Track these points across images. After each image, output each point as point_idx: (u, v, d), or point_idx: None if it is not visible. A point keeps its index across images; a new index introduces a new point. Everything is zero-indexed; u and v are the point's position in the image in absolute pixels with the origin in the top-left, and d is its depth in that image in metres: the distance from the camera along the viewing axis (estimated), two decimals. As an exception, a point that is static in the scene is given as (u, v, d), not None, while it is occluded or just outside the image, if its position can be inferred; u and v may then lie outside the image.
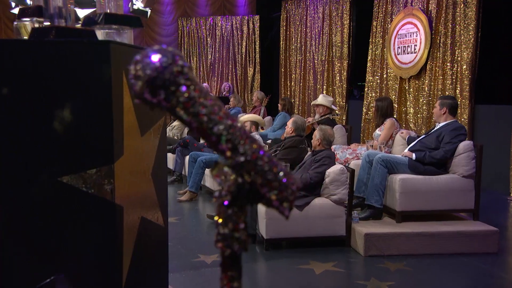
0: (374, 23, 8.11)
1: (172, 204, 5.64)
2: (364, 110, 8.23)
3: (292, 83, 10.35)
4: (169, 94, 0.68)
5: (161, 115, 1.41)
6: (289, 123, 4.89)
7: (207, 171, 5.92)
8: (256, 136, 5.85)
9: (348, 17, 8.78)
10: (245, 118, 6.01)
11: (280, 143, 5.02)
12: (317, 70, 9.59)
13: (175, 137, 7.49)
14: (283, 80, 10.67)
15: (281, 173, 0.71)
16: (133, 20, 1.78)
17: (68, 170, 1.37)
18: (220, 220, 0.72)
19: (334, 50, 9.12)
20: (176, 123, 8.09)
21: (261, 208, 4.12)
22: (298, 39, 10.19)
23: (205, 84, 11.39)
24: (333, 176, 4.05)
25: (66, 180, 1.35)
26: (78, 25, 1.88)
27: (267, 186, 0.70)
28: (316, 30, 9.60)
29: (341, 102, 8.94)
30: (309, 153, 4.55)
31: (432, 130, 4.57)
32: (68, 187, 1.37)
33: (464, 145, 4.27)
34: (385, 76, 7.87)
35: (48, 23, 1.72)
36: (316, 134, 4.24)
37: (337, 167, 4.08)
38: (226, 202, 0.71)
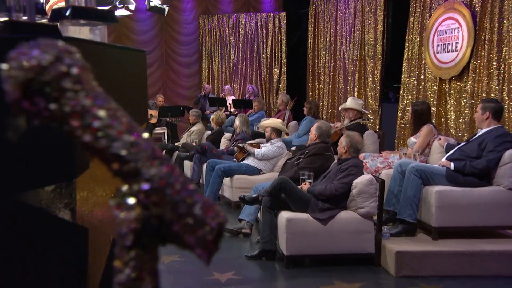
0: (411, 19, 7.95)
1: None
2: (399, 114, 8.05)
3: (321, 85, 10.25)
4: (50, 102, 0.57)
5: (140, 121, 1.37)
6: (313, 129, 4.82)
7: (226, 180, 5.90)
8: (279, 142, 5.80)
9: (382, 13, 8.65)
10: (266, 123, 5.97)
11: (304, 150, 4.95)
12: (348, 70, 9.47)
13: (193, 143, 7.52)
14: (310, 81, 10.60)
15: (198, 205, 0.60)
16: (106, 14, 1.67)
17: (24, 187, 1.31)
18: (120, 266, 0.59)
19: (366, 49, 8.99)
20: (195, 127, 8.14)
21: (281, 221, 4.08)
22: (327, 37, 10.10)
23: (227, 87, 11.45)
24: (361, 187, 3.96)
25: (22, 198, 1.28)
26: (45, 20, 1.84)
27: (179, 222, 0.59)
28: (347, 27, 9.49)
29: (374, 106, 8.79)
30: (335, 161, 4.47)
31: (474, 137, 4.42)
32: (25, 206, 1.30)
33: (510, 153, 4.10)
34: (422, 77, 7.69)
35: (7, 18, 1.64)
36: (342, 141, 4.17)
37: (365, 178, 3.99)
38: (128, 243, 0.58)
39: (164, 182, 0.59)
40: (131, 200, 0.59)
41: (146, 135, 0.62)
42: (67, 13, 1.52)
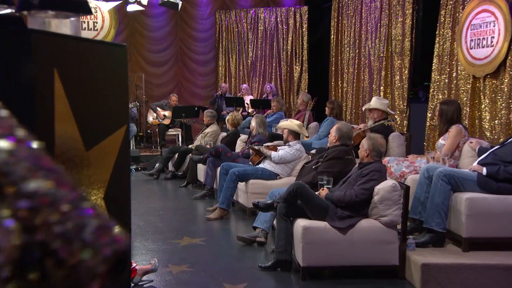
0: (442, 12, 7.80)
1: (200, 223, 5.64)
2: (429, 115, 7.90)
3: (344, 84, 10.16)
4: None
5: (119, 122, 1.33)
6: (333, 131, 4.76)
7: (240, 185, 5.87)
8: (297, 145, 5.75)
9: (411, 6, 8.52)
10: (283, 125, 5.93)
11: (323, 153, 4.89)
12: (373, 68, 9.35)
13: (208, 146, 7.52)
14: (333, 80, 10.51)
15: (89, 228, 0.51)
16: (79, 5, 1.60)
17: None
18: None
19: (393, 45, 8.87)
20: (209, 129, 8.15)
21: (297, 230, 4.02)
22: (352, 32, 10.01)
23: (245, 86, 11.44)
24: (383, 193, 3.89)
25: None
26: (9, 10, 1.81)
27: (66, 249, 0.49)
28: (373, 22, 9.38)
29: (402, 106, 8.65)
30: (356, 166, 4.40)
31: (509, 140, 4.29)
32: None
33: (549, 158, 3.97)
34: (454, 74, 7.53)
35: None
36: (364, 144, 4.09)
37: (388, 183, 3.92)
38: (5, 275, 0.47)
39: (47, 199, 0.51)
40: (9, 222, 0.49)
41: (35, 143, 0.54)
42: (35, 3, 1.48)
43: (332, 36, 10.57)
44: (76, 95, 1.12)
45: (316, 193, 4.20)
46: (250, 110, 10.83)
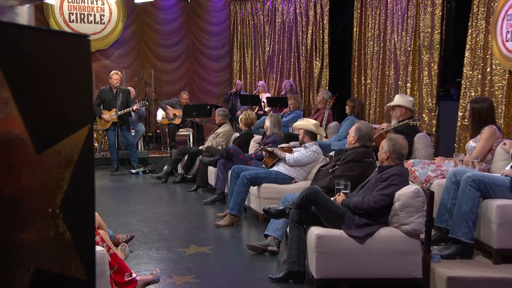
0: (475, 2, 7.66)
1: (209, 230, 5.63)
2: (460, 113, 7.77)
3: (368, 80, 10.06)
4: None
5: (81, 122, 1.29)
6: (351, 131, 4.70)
7: (252, 189, 5.84)
8: (314, 146, 5.69)
9: (440, -5, 8.39)
10: (298, 125, 5.86)
11: (340, 155, 4.82)
12: (400, 63, 9.24)
13: (219, 147, 7.50)
14: (356, 76, 10.42)
15: None
16: None
17: None
18: None
19: (421, 38, 8.74)
20: (221, 129, 8.14)
21: (310, 238, 3.98)
22: (376, 24, 9.90)
23: (261, 82, 11.42)
24: (405, 199, 3.82)
25: None
26: None
27: None
28: (399, 13, 9.27)
29: (430, 104, 8.53)
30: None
31: (546, 141, 4.17)
32: None
33: None
34: (488, 69, 7.38)
35: None
36: (384, 145, 4.03)
37: (410, 188, 3.85)
38: None
39: None
40: None
41: None
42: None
43: (355, 29, 10.48)
44: (24, 91, 1.09)
45: (332, 198, 4.15)
46: (266, 109, 10.80)
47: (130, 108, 9.02)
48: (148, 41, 12.30)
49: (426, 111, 8.52)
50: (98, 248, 3.49)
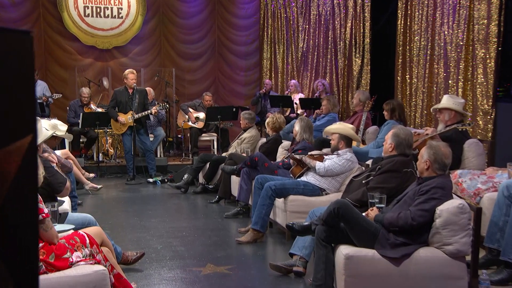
0: (537, -11, 7.45)
1: (229, 247, 5.60)
2: (520, 117, 7.55)
3: (414, 79, 9.92)
4: None
5: (20, 131, 1.24)
6: (388, 137, 4.60)
7: (278, 202, 5.79)
8: (348, 154, 5.61)
9: (497, -18, 8.20)
10: (332, 129, 5.79)
11: (376, 165, 4.73)
12: (450, 59, 9.09)
13: (244, 154, 7.48)
14: (400, 74, 10.28)
15: None
16: None
17: None
18: None
19: (476, 30, 8.56)
20: (246, 134, 8.14)
21: (339, 259, 3.91)
22: (423, 16, 9.76)
23: (293, 82, 11.38)
24: (447, 216, 3.74)
25: None
26: None
27: None
28: (450, 2, 9.11)
29: (485, 106, 8.32)
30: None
31: None
32: None
33: None
34: (552, 66, 7.15)
35: None
36: (423, 154, 3.94)
37: (453, 203, 3.77)
38: None
39: None
40: None
41: None
42: None
43: (399, 21, 10.36)
44: None
45: (364, 214, 4.07)
46: (299, 111, 10.75)
47: (148, 111, 9.09)
48: (169, 37, 12.43)
49: (481, 114, 8.33)
50: (99, 267, 3.51)
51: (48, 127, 5.91)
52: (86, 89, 10.34)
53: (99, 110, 10.24)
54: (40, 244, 3.38)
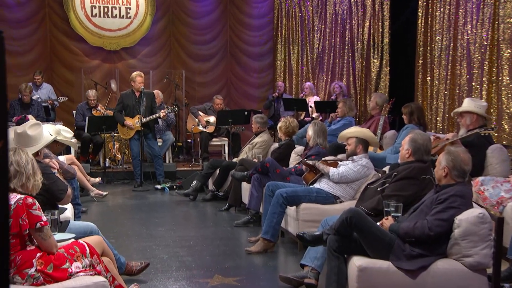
0: None
1: (238, 257, 5.58)
2: (548, 121, 7.47)
3: (435, 81, 9.87)
4: None
5: None
6: (405, 143, 4.57)
7: (290, 210, 5.76)
8: (363, 160, 5.57)
9: (523, -22, 8.13)
10: (348, 133, 5.75)
11: (392, 171, 4.68)
12: (474, 60, 9.05)
13: (255, 159, 7.47)
14: (420, 76, 10.24)
15: None
16: None
17: None
18: None
19: (501, 30, 8.52)
20: (258, 139, 8.12)
21: (351, 270, 3.90)
22: (445, 15, 9.72)
23: (308, 84, 11.35)
24: (467, 226, 3.71)
25: None
26: None
27: None
28: (474, 0, 9.06)
29: None
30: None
31: None
32: None
33: None
34: None
35: None
36: (441, 160, 3.91)
37: (473, 213, 3.74)
38: None
39: None
40: None
41: None
42: None
43: (419, 20, 10.33)
44: None
45: (378, 223, 4.03)
46: (314, 115, 10.72)
47: (157, 115, 9.11)
48: (179, 38, 12.47)
49: (506, 118, 8.28)
50: (99, 279, 3.51)
51: (52, 132, 5.95)
52: (92, 92, 10.40)
53: (108, 112, 10.31)
54: (38, 254, 3.39)
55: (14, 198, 3.33)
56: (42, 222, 3.36)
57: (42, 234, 3.37)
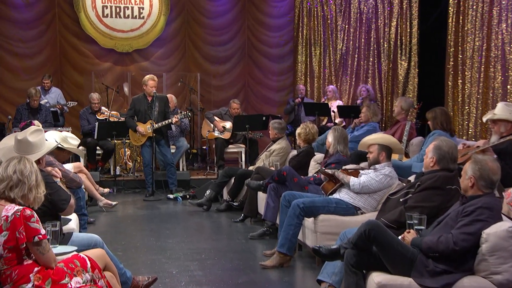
0: None
1: (252, 272, 5.55)
2: None
3: (467, 84, 9.80)
4: None
5: None
6: (429, 150, 4.52)
7: (308, 222, 5.72)
8: (386, 168, 5.51)
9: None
10: (370, 139, 5.69)
11: (416, 181, 4.62)
12: (509, 62, 9.00)
13: (272, 167, 7.44)
14: (451, 79, 10.16)
15: None
16: None
17: None
18: None
19: (537, 29, 8.40)
20: (276, 145, 8.10)
21: (370, 287, 3.83)
22: (478, 13, 9.65)
23: (331, 87, 11.31)
24: (495, 241, 3.66)
25: None
26: None
27: None
28: (508, -3, 8.98)
29: (549, 114, 8.11)
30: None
31: None
32: None
33: None
34: None
35: None
36: (467, 169, 3.85)
37: (502, 226, 3.68)
38: None
39: None
40: None
41: None
42: None
43: (450, 19, 10.27)
44: None
45: (400, 237, 3.98)
46: (337, 120, 10.68)
47: (169, 120, 9.13)
48: (195, 39, 12.52)
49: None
50: (101, 295, 3.50)
51: (58, 139, 6.01)
52: (96, 95, 10.46)
53: (113, 113, 10.39)
54: (36, 269, 3.39)
55: (11, 209, 3.33)
56: (41, 236, 3.36)
57: (40, 248, 3.37)
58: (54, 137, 6.03)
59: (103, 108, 10.51)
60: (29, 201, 3.49)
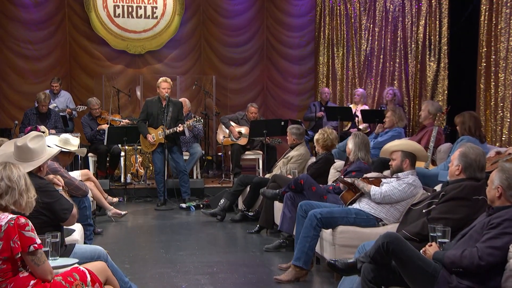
0: None
1: (269, 286, 5.53)
2: None
3: (500, 87, 9.67)
4: None
5: None
6: (454, 158, 4.45)
7: (325, 233, 5.67)
8: (410, 177, 5.45)
9: None
10: (392, 146, 5.63)
11: (440, 190, 4.56)
12: (545, 63, 8.80)
13: (290, 175, 7.40)
14: (483, 81, 10.03)
15: None
16: None
17: None
18: None
19: None
20: (294, 152, 8.06)
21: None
22: (512, 12, 9.52)
23: (360, 90, 11.28)
24: None
25: None
26: None
27: None
28: (545, -6, 8.87)
29: None
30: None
31: None
32: None
33: None
34: None
35: None
36: (494, 179, 3.78)
37: None
38: None
39: None
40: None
41: None
42: None
43: (482, 18, 10.15)
44: None
45: (421, 250, 3.92)
46: (361, 126, 10.61)
47: (175, 129, 8.95)
48: (210, 40, 12.56)
49: None
50: (102, 311, 3.49)
51: (59, 143, 6.03)
52: (95, 100, 10.48)
53: (116, 118, 10.44)
54: (32, 282, 3.37)
55: (5, 218, 3.33)
56: (36, 245, 3.35)
57: (35, 259, 3.36)
58: (53, 142, 6.05)
59: (104, 113, 10.54)
60: (22, 207, 3.49)
